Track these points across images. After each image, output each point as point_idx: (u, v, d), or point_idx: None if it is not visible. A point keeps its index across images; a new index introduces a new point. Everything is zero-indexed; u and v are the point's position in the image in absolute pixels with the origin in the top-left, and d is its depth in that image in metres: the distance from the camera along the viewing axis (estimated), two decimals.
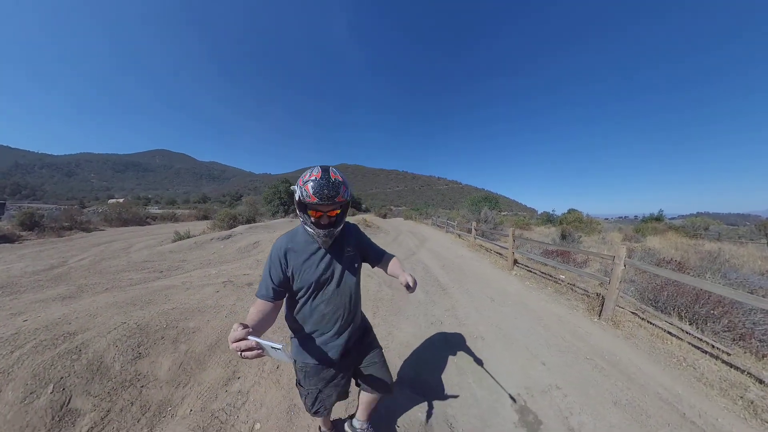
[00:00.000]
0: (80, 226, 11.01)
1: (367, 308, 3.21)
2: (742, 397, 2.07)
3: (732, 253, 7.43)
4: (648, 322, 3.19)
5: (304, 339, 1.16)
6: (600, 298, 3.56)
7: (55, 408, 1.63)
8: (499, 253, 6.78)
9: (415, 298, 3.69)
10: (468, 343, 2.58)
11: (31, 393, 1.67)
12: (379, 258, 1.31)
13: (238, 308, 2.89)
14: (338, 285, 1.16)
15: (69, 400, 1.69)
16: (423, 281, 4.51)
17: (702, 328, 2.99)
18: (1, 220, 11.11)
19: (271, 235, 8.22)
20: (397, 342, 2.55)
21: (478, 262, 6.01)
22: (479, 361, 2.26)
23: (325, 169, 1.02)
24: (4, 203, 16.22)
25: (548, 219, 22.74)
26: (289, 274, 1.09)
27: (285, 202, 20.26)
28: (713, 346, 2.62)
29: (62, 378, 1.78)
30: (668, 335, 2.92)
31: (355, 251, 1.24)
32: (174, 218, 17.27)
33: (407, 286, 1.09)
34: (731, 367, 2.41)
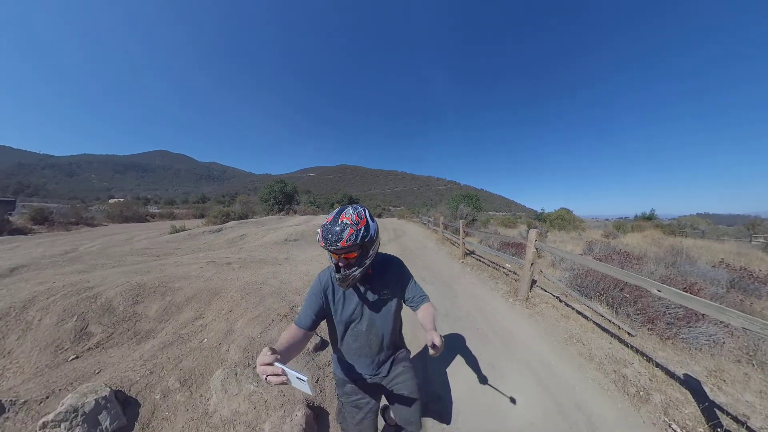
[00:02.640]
0: (85, 222, 11.90)
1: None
2: (616, 372, 2.10)
3: (706, 248, 7.77)
4: (566, 304, 3.29)
5: (340, 357, 1.26)
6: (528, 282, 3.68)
7: (77, 330, 2.44)
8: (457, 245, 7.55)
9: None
10: None
11: (62, 320, 2.49)
12: (418, 304, 1.23)
13: (215, 278, 3.70)
14: (367, 327, 1.17)
15: (87, 326, 2.51)
16: None
17: (617, 311, 3.07)
18: (12, 215, 12.00)
19: (259, 229, 9.05)
20: None
21: (435, 253, 6.80)
22: None
23: (340, 211, 1.04)
24: (14, 200, 17.14)
25: (537, 217, 23.58)
26: (327, 306, 1.15)
27: (280, 201, 21.09)
28: (619, 328, 2.70)
29: (83, 312, 2.60)
30: (579, 316, 2.98)
31: (392, 294, 1.21)
32: (172, 216, 18.18)
33: (432, 346, 0.97)
34: (627, 346, 2.43)
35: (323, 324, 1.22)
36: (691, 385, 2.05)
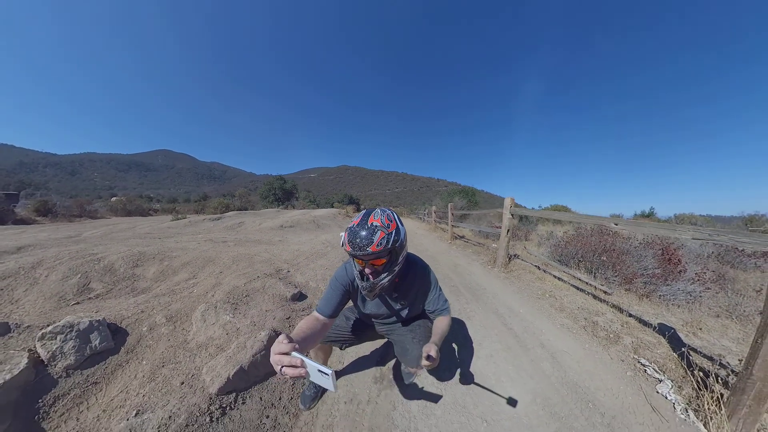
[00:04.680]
0: (88, 215, 12.14)
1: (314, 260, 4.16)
2: (587, 319, 2.12)
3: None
4: (544, 271, 3.35)
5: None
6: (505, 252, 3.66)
7: (80, 285, 2.63)
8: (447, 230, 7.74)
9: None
10: None
11: (66, 277, 2.68)
12: (436, 317, 1.18)
13: (211, 251, 3.88)
14: (389, 324, 1.24)
15: (89, 282, 2.70)
16: None
17: (596, 275, 3.16)
18: (16, 207, 12.27)
19: (257, 219, 9.25)
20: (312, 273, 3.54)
21: (426, 238, 7.07)
22: None
23: (367, 213, 0.98)
24: (18, 194, 17.46)
25: None
26: (349, 298, 1.15)
27: (279, 198, 21.33)
28: (596, 288, 2.76)
29: (86, 272, 2.79)
30: (555, 279, 3.00)
31: (414, 303, 1.18)
32: (174, 211, 18.48)
33: (428, 357, 0.92)
34: (601, 301, 2.44)
35: (301, 277, 1.35)
36: (665, 331, 2.02)
